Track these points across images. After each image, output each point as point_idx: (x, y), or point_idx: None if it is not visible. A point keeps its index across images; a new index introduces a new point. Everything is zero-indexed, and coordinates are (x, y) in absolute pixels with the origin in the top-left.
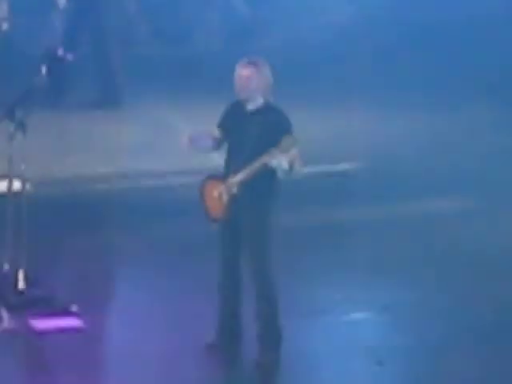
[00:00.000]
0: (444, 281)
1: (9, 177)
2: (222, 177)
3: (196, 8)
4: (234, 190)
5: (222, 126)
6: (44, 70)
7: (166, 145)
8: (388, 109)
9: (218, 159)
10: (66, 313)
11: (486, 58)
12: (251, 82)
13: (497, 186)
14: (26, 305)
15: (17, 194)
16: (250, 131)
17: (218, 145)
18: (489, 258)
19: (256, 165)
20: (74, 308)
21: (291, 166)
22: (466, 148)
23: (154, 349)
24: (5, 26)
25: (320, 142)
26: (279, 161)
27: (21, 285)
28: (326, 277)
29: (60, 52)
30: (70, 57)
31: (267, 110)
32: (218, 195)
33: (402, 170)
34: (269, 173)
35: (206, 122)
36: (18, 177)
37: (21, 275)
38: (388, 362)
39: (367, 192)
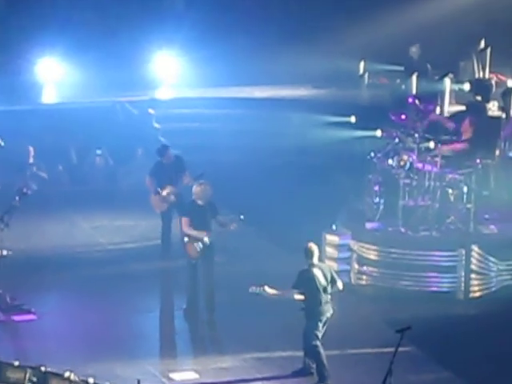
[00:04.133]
0: None
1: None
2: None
3: None
4: (201, 246)
5: (187, 213)
6: (17, 198)
7: None
8: None
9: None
10: (28, 312)
11: None
12: (203, 193)
13: None
14: (8, 309)
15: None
16: (202, 215)
17: None
18: None
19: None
20: (32, 310)
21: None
22: None
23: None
24: None
25: None
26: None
27: (7, 300)
28: None
29: (25, 190)
30: (29, 191)
31: (210, 205)
32: (195, 248)
33: None
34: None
35: None
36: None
37: (7, 296)
38: None
39: None
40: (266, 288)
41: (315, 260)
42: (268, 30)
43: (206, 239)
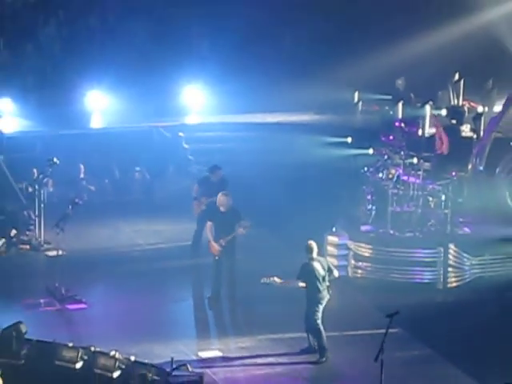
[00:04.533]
0: None
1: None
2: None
3: None
4: (223, 244)
5: (211, 218)
6: (70, 207)
7: None
8: None
9: None
10: (80, 302)
11: None
12: (225, 202)
13: None
14: (63, 300)
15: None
16: (223, 220)
17: None
18: None
19: (232, 235)
20: (83, 300)
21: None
22: None
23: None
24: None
25: None
26: (241, 232)
27: (62, 292)
28: None
29: (76, 200)
30: (80, 201)
31: (232, 210)
32: (217, 246)
33: None
34: (234, 238)
35: None
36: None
37: (62, 289)
38: None
39: None
40: (275, 278)
41: (314, 255)
42: (278, 67)
43: (221, 241)
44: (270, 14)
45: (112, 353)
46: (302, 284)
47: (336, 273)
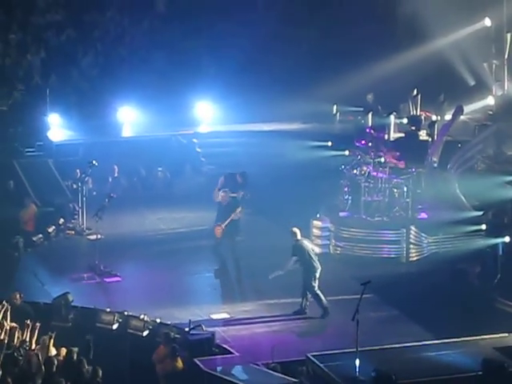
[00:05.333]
0: None
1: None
2: (218, 224)
3: None
4: (224, 227)
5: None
6: (107, 200)
7: None
8: None
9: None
10: (115, 275)
11: None
12: (225, 197)
13: None
14: (102, 274)
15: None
16: (224, 210)
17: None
18: None
19: (230, 218)
20: (118, 274)
21: (239, 217)
22: None
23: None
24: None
25: None
26: (234, 217)
27: (101, 267)
28: None
29: (112, 194)
30: (115, 195)
31: (230, 203)
32: (218, 229)
33: None
34: (234, 221)
35: None
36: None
37: (101, 265)
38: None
39: None
40: (279, 271)
41: (299, 236)
42: (271, 86)
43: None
44: (263, 45)
45: (141, 316)
46: (294, 258)
47: (316, 249)
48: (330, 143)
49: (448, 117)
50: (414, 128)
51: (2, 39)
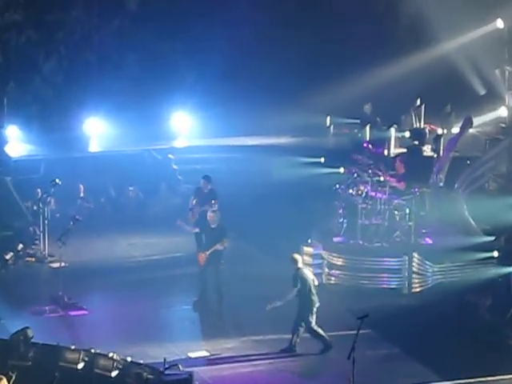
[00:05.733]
0: None
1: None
2: (203, 251)
3: None
4: (208, 255)
5: (202, 230)
6: (71, 223)
7: None
8: None
9: None
10: (81, 308)
11: None
12: (213, 218)
13: None
14: (66, 307)
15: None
16: (212, 235)
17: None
18: None
19: (214, 248)
20: (84, 307)
21: (224, 248)
22: None
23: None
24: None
25: None
26: (218, 248)
27: (65, 299)
28: None
29: (77, 216)
30: (80, 218)
31: (220, 227)
32: (202, 257)
33: None
34: (218, 251)
35: None
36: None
37: (65, 297)
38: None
39: None
40: (277, 302)
41: (300, 264)
42: (256, 95)
43: (206, 252)
44: (247, 48)
45: (110, 354)
46: (295, 290)
47: (316, 281)
48: (322, 159)
49: (455, 130)
50: (417, 142)
51: None
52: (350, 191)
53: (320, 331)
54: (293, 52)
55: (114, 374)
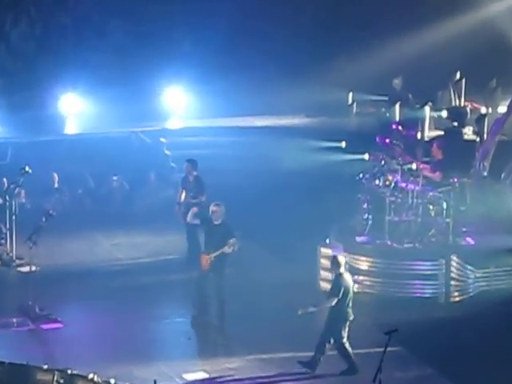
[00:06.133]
0: None
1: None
2: (206, 253)
3: None
4: (212, 259)
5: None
6: (44, 219)
7: None
8: None
9: None
10: (55, 321)
11: None
12: (217, 213)
13: None
14: (37, 319)
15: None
16: (215, 233)
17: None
18: None
19: (221, 250)
20: (58, 319)
21: (233, 250)
22: None
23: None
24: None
25: None
26: (227, 250)
27: (36, 310)
28: None
29: (50, 211)
30: (54, 213)
31: (224, 224)
32: (206, 260)
33: None
34: (224, 254)
35: None
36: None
37: (36, 307)
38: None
39: None
40: (311, 308)
41: (343, 269)
42: (267, 66)
43: (211, 255)
44: (257, 10)
45: (90, 376)
46: (336, 299)
47: (354, 288)
48: (343, 144)
49: (502, 109)
50: (456, 124)
51: None
52: (377, 182)
53: (350, 350)
54: (307, 14)
55: None
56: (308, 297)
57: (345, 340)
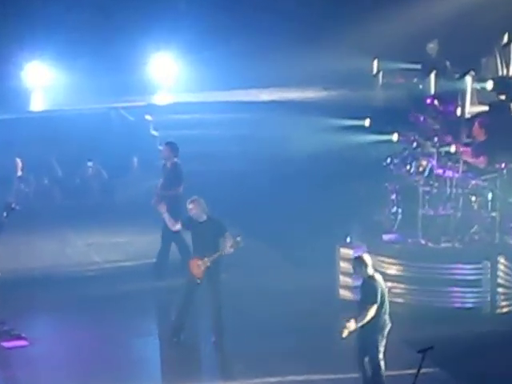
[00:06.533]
0: None
1: None
2: (198, 257)
3: None
4: (208, 264)
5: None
6: (5, 214)
7: None
8: None
9: None
10: (19, 338)
11: None
12: (195, 210)
13: None
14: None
15: None
16: (202, 232)
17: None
18: None
19: (218, 253)
20: (23, 335)
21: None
22: None
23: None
24: None
25: None
26: (228, 251)
27: None
28: None
29: (13, 205)
30: (17, 206)
31: (211, 220)
32: (199, 266)
33: None
34: (221, 256)
35: None
36: None
37: None
38: None
39: None
40: (352, 324)
41: (371, 270)
42: (274, 29)
43: (206, 260)
44: None
45: None
46: (375, 306)
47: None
48: (367, 122)
49: None
50: (503, 97)
51: None
52: (407, 168)
53: (383, 369)
54: None
55: None
56: (325, 307)
57: (381, 356)
